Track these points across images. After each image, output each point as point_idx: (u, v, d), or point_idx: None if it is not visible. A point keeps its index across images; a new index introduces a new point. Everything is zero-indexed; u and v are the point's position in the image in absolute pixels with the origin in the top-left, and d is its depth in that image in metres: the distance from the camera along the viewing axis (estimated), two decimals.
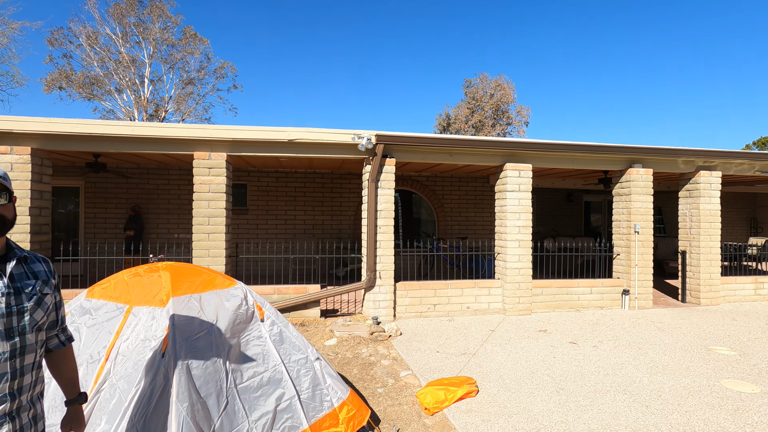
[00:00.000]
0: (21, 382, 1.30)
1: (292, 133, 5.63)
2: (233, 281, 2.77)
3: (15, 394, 1.28)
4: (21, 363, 1.30)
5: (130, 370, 2.21)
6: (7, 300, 1.28)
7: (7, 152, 5.08)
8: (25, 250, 1.43)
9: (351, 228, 9.86)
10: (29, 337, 1.32)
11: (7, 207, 1.30)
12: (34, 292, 1.36)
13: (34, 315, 1.34)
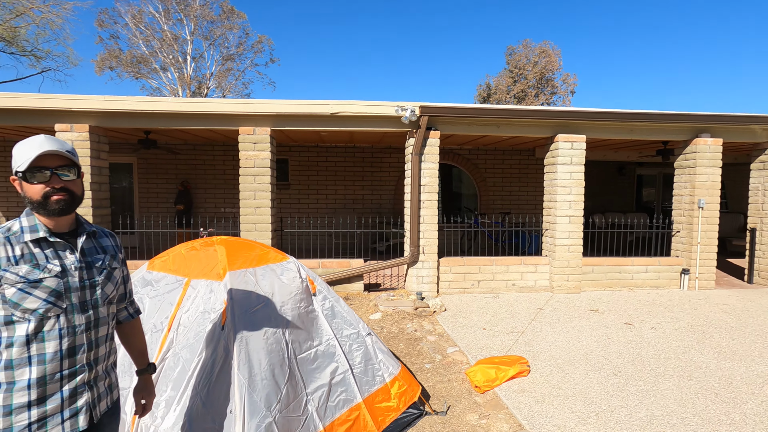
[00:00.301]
0: (96, 353, 1.34)
1: (335, 106, 5.54)
2: (285, 256, 2.78)
3: (92, 365, 1.33)
4: (96, 335, 1.34)
5: (191, 340, 2.28)
6: (80, 274, 1.30)
7: (68, 130, 5.32)
8: (93, 225, 1.45)
9: (391, 203, 9.79)
10: (101, 311, 1.36)
11: (75, 182, 1.30)
12: (103, 266, 1.39)
13: (105, 289, 1.37)
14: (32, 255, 1.23)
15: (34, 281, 1.20)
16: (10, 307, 1.18)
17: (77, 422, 1.28)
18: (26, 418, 1.19)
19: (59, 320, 1.24)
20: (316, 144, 9.45)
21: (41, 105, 5.17)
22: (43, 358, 1.21)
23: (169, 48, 22.34)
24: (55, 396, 1.23)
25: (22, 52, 9.62)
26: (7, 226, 1.25)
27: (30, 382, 1.19)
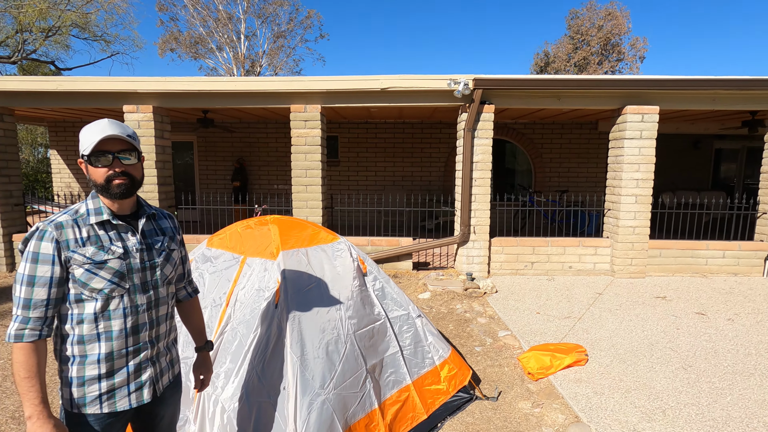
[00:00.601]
0: (158, 331, 1.41)
1: (385, 81, 5.40)
2: (336, 236, 2.78)
3: (154, 342, 1.40)
4: (156, 314, 1.40)
5: (248, 316, 2.36)
6: (141, 256, 1.35)
7: (134, 111, 5.63)
8: (153, 207, 1.48)
9: (441, 180, 9.59)
10: (161, 291, 1.42)
11: (136, 166, 1.32)
12: (162, 248, 1.43)
13: (164, 270, 1.42)
14: (97, 237, 1.28)
15: (100, 262, 1.26)
16: (79, 286, 1.25)
17: (142, 395, 1.36)
18: (97, 389, 1.28)
19: (123, 300, 1.30)
20: (366, 120, 9.38)
21: (110, 88, 5.48)
22: (110, 335, 1.29)
23: (223, 28, 22.93)
24: (121, 370, 1.31)
25: (94, 37, 10.26)
26: (75, 209, 1.30)
27: (99, 356, 1.28)
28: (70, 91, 5.53)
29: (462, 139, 5.61)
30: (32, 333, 1.20)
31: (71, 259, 1.23)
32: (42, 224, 1.23)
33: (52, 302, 1.22)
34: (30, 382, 1.17)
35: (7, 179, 5.95)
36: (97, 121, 1.28)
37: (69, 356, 1.27)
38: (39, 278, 1.20)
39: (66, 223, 1.25)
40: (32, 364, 1.18)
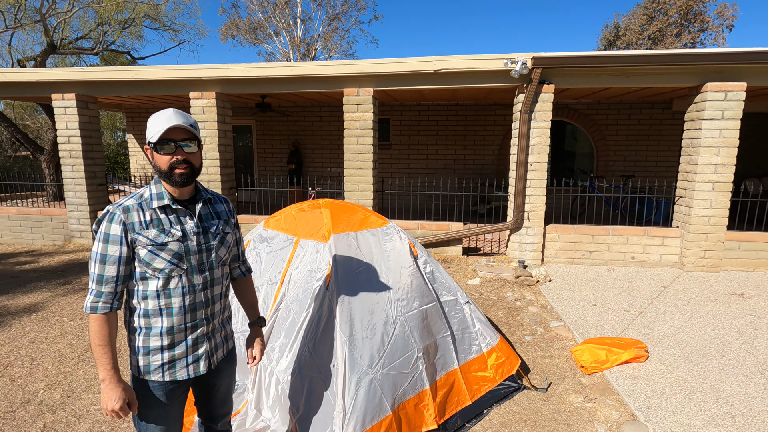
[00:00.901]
0: (213, 309, 1.51)
1: (438, 62, 5.28)
2: (385, 220, 2.81)
3: (209, 319, 1.50)
4: (212, 293, 1.50)
5: (300, 295, 2.47)
6: (198, 239, 1.44)
7: (199, 97, 5.97)
8: (209, 191, 1.56)
9: (494, 163, 9.31)
10: (216, 272, 1.50)
11: (196, 155, 1.40)
12: (217, 231, 1.50)
13: (219, 252, 1.50)
14: (159, 220, 1.37)
15: (161, 244, 1.36)
16: (143, 265, 1.36)
17: (198, 367, 1.48)
18: (159, 359, 1.41)
19: (182, 279, 1.40)
20: (418, 103, 9.26)
21: (177, 75, 5.84)
22: (170, 311, 1.40)
23: (281, 12, 23.41)
24: (181, 344, 1.43)
25: (163, 27, 10.91)
26: (140, 193, 1.40)
27: (162, 330, 1.40)
28: (143, 79, 5.96)
29: (518, 122, 5.39)
30: (104, 306, 1.32)
31: (136, 240, 1.34)
32: (111, 207, 1.34)
33: (120, 279, 1.35)
34: (103, 350, 1.32)
35: (92, 161, 6.58)
36: (163, 110, 1.35)
37: (136, 327, 1.40)
38: (109, 257, 1.32)
39: (132, 207, 1.35)
40: (105, 333, 1.32)
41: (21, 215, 6.82)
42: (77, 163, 6.43)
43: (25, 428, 2.44)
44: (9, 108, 15.06)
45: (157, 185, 1.40)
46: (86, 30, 9.59)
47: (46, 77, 6.10)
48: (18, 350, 3.34)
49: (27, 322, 3.86)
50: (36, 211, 6.80)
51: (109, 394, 1.32)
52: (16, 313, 4.07)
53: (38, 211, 6.79)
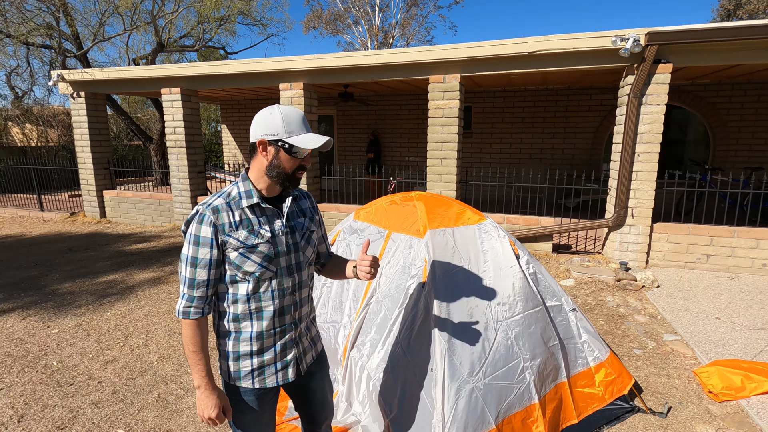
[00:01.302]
0: (300, 313, 1.44)
1: (534, 44, 4.87)
2: (482, 216, 2.63)
3: (297, 323, 1.43)
4: (299, 296, 1.43)
5: (393, 291, 2.40)
6: (286, 239, 1.36)
7: (288, 88, 6.16)
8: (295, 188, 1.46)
9: (587, 153, 8.54)
10: (304, 273, 1.43)
11: (307, 158, 1.35)
12: (304, 230, 1.43)
13: (306, 252, 1.43)
14: (248, 220, 1.30)
15: (251, 246, 1.29)
16: (233, 269, 1.30)
17: (287, 374, 1.42)
18: (249, 365, 1.36)
19: (271, 283, 1.34)
20: (503, 89, 8.76)
21: (268, 68, 6.07)
22: (261, 315, 1.34)
23: (360, 1, 23.59)
24: (270, 349, 1.37)
25: (254, 21, 11.50)
26: (227, 191, 1.32)
27: (252, 334, 1.35)
28: (238, 73, 6.29)
29: (625, 107, 4.81)
30: (196, 311, 1.28)
31: (227, 243, 1.27)
32: (201, 207, 1.28)
33: (211, 282, 1.29)
34: (198, 356, 1.29)
35: (193, 150, 7.15)
36: (293, 109, 1.28)
37: (226, 331, 1.35)
38: (200, 260, 1.26)
39: (221, 207, 1.28)
40: (198, 339, 1.29)
41: (135, 198, 7.65)
42: (181, 152, 7.02)
43: (143, 396, 2.68)
44: (124, 102, 17.01)
45: (245, 182, 1.33)
46: (188, 28, 10.41)
47: (157, 73, 6.69)
48: (135, 322, 3.72)
49: (142, 296, 4.28)
50: (147, 195, 7.57)
51: (205, 401, 1.30)
52: (133, 287, 4.55)
53: (149, 195, 7.56)
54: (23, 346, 3.29)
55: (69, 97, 7.51)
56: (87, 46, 9.68)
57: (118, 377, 2.88)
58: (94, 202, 7.86)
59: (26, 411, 2.53)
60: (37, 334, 3.48)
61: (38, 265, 5.30)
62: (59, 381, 2.83)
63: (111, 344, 3.33)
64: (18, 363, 3.05)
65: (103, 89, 7.39)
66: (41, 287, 4.53)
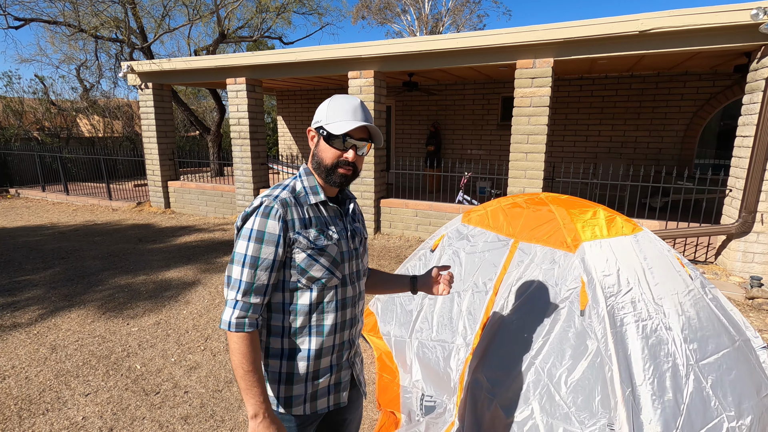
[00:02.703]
0: (356, 329, 1.27)
1: (647, 21, 4.23)
2: (635, 224, 2.15)
3: (353, 341, 1.26)
4: (358, 309, 1.26)
5: (530, 315, 1.99)
6: (348, 243, 1.20)
7: (357, 77, 5.83)
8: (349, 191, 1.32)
9: (677, 148, 7.66)
10: (362, 283, 1.27)
11: (362, 159, 1.18)
12: (361, 234, 1.28)
13: (363, 260, 1.28)
14: (318, 219, 1.14)
15: (321, 248, 1.12)
16: (297, 273, 1.10)
17: (339, 396, 1.24)
18: (303, 389, 1.16)
19: (336, 292, 1.16)
20: (579, 76, 8.02)
21: (337, 55, 5.75)
22: (321, 330, 1.15)
23: None
24: (326, 369, 1.19)
25: (310, 10, 11.28)
26: (290, 186, 1.15)
27: (309, 352, 1.15)
28: (305, 61, 6.03)
29: (760, 92, 4.09)
30: (251, 322, 1.07)
31: (296, 241, 1.09)
32: (266, 199, 1.09)
33: (270, 288, 1.10)
34: (254, 377, 1.06)
35: (257, 142, 7.01)
36: (348, 97, 1.12)
37: (278, 349, 1.14)
38: (263, 260, 1.06)
39: (290, 201, 1.11)
40: (254, 356, 1.06)
41: (198, 190, 7.65)
42: (245, 144, 6.89)
43: (233, 413, 2.44)
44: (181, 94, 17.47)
45: (309, 177, 1.17)
46: (248, 17, 10.34)
47: (223, 63, 6.57)
48: (213, 323, 3.53)
49: (215, 294, 4.12)
50: (210, 186, 7.55)
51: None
52: (204, 282, 4.41)
53: (212, 187, 7.53)
54: (105, 345, 3.17)
55: (137, 88, 7.58)
56: (151, 39, 9.84)
57: (204, 387, 2.67)
58: (159, 193, 7.94)
59: (115, 423, 2.35)
60: (118, 332, 3.36)
61: (111, 255, 5.32)
62: (145, 388, 2.65)
63: (191, 347, 3.15)
64: (102, 364, 2.91)
65: (169, 80, 7.39)
66: (116, 279, 4.48)
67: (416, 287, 1.37)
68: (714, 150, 7.63)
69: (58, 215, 7.79)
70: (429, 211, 5.90)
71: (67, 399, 2.54)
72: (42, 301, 3.94)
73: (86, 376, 2.78)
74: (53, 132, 13.04)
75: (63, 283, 4.37)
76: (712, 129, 7.57)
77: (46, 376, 2.77)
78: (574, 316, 1.81)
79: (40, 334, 3.32)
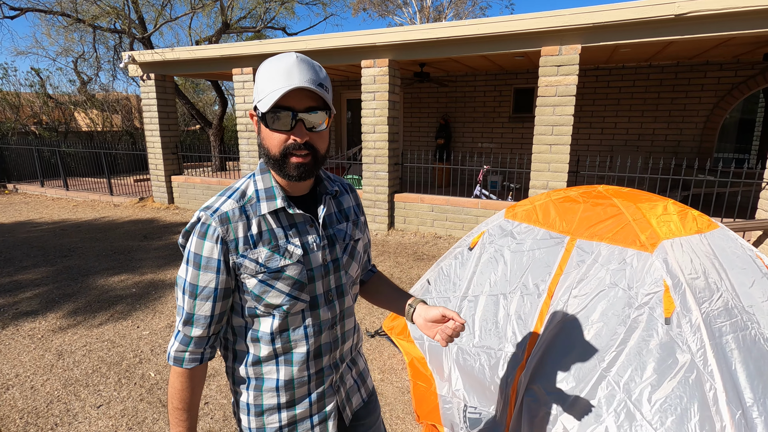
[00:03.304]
0: (342, 351, 1.08)
1: (683, 4, 4.00)
2: (709, 219, 1.94)
3: (337, 364, 1.07)
4: (342, 329, 1.06)
5: (598, 321, 1.78)
6: (323, 255, 0.97)
7: (371, 65, 5.58)
8: (333, 180, 1.09)
9: (696, 140, 7.45)
10: (347, 299, 1.06)
11: (323, 134, 0.90)
12: (346, 240, 1.04)
13: (350, 270, 1.05)
14: (270, 232, 0.92)
15: (275, 271, 0.91)
16: (252, 300, 0.93)
17: (326, 428, 1.05)
18: (277, 421, 1.01)
19: (304, 316, 0.97)
20: (595, 66, 7.78)
21: (350, 43, 5.50)
22: (289, 359, 0.98)
23: None
24: (303, 401, 1.02)
25: (313, 0, 10.98)
26: (241, 189, 0.94)
27: (278, 383, 0.99)
28: (315, 49, 5.77)
29: None
30: (192, 357, 0.94)
31: (241, 266, 0.90)
32: (204, 214, 0.90)
33: (216, 318, 0.94)
34: (181, 415, 0.96)
35: None
36: (281, 56, 0.85)
37: (243, 378, 1.00)
38: (202, 288, 0.90)
39: (232, 215, 0.90)
40: (187, 395, 0.95)
41: (203, 185, 7.41)
42: (252, 137, 6.65)
43: None
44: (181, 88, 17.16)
45: (265, 176, 0.95)
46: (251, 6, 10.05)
47: (229, 52, 6.31)
48: None
49: None
50: (216, 181, 7.31)
51: None
52: None
53: (218, 182, 7.29)
54: (115, 350, 2.96)
55: (139, 79, 7.32)
56: (150, 29, 9.55)
57: (225, 398, 2.46)
58: (163, 188, 7.70)
59: None
60: (128, 336, 3.15)
61: (116, 253, 5.09)
62: (161, 399, 2.44)
63: None
64: (113, 371, 2.70)
65: (172, 70, 7.13)
66: (122, 278, 4.27)
67: (412, 319, 1.10)
68: (733, 143, 7.42)
69: (59, 211, 7.55)
70: (446, 206, 5.68)
71: (77, 411, 2.33)
72: (44, 302, 3.72)
73: (97, 385, 2.57)
74: (51, 126, 12.75)
75: (66, 282, 4.15)
76: (733, 120, 7.36)
77: (54, 386, 2.56)
78: (655, 325, 1.60)
79: (44, 339, 3.11)
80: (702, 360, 1.43)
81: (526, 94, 8.47)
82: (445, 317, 1.02)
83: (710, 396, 1.37)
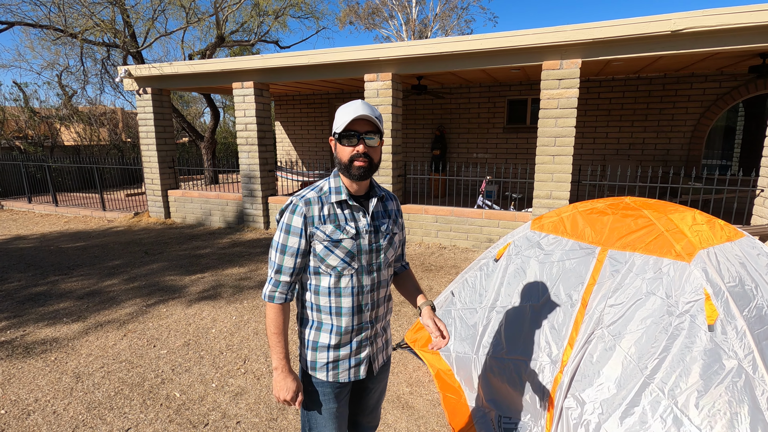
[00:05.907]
0: (377, 312, 1.42)
1: (680, 21, 4.19)
2: (736, 230, 2.03)
3: (373, 322, 1.42)
4: (377, 296, 1.41)
5: (637, 330, 1.84)
6: (369, 237, 1.35)
7: (374, 79, 5.65)
8: (382, 189, 1.46)
9: (684, 148, 7.72)
10: (383, 273, 1.41)
11: (376, 150, 1.31)
12: (387, 231, 1.41)
13: (387, 253, 1.41)
14: (335, 216, 1.31)
15: (336, 241, 1.30)
16: (317, 261, 1.31)
17: (359, 371, 1.41)
18: (326, 357, 1.37)
19: (352, 279, 1.33)
20: (586, 78, 8.02)
21: (352, 57, 5.57)
22: (340, 311, 1.35)
23: None
24: (346, 345, 1.38)
25: (307, 13, 11.08)
26: (320, 185, 1.34)
27: (332, 327, 1.36)
28: (318, 63, 5.82)
29: None
30: (281, 296, 1.32)
31: (314, 234, 1.29)
32: (295, 198, 1.31)
33: (296, 270, 1.32)
34: (277, 338, 1.33)
35: (264, 148, 6.75)
36: (352, 102, 1.27)
37: (308, 320, 1.38)
38: (289, 248, 1.30)
39: (313, 200, 1.30)
40: (280, 322, 1.33)
41: (201, 199, 7.33)
42: (252, 150, 6.63)
43: None
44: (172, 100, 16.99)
45: (336, 179, 1.35)
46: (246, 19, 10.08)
47: (230, 67, 6.31)
48: (247, 342, 3.29)
49: (242, 309, 3.87)
50: (214, 195, 7.24)
51: (281, 383, 1.33)
52: (225, 296, 4.15)
53: (216, 195, 7.22)
54: (135, 371, 2.89)
55: (135, 93, 7.25)
56: (141, 42, 9.48)
57: (257, 416, 2.43)
58: (159, 202, 7.59)
59: None
60: (146, 356, 3.09)
61: (118, 270, 4.99)
62: (191, 419, 2.40)
63: (231, 370, 2.90)
64: (137, 393, 2.65)
65: (169, 84, 7.08)
66: (129, 296, 4.18)
67: (425, 308, 1.46)
68: (719, 151, 7.72)
69: (50, 227, 7.36)
70: (450, 217, 5.75)
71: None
72: (51, 322, 3.62)
73: (122, 407, 2.51)
74: (36, 141, 12.46)
75: (71, 301, 4.05)
76: (718, 129, 7.66)
77: (77, 410, 2.49)
78: (698, 332, 1.66)
79: (58, 361, 3.02)
80: (751, 365, 1.49)
81: (520, 105, 8.67)
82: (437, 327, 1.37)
83: (763, 399, 1.43)
